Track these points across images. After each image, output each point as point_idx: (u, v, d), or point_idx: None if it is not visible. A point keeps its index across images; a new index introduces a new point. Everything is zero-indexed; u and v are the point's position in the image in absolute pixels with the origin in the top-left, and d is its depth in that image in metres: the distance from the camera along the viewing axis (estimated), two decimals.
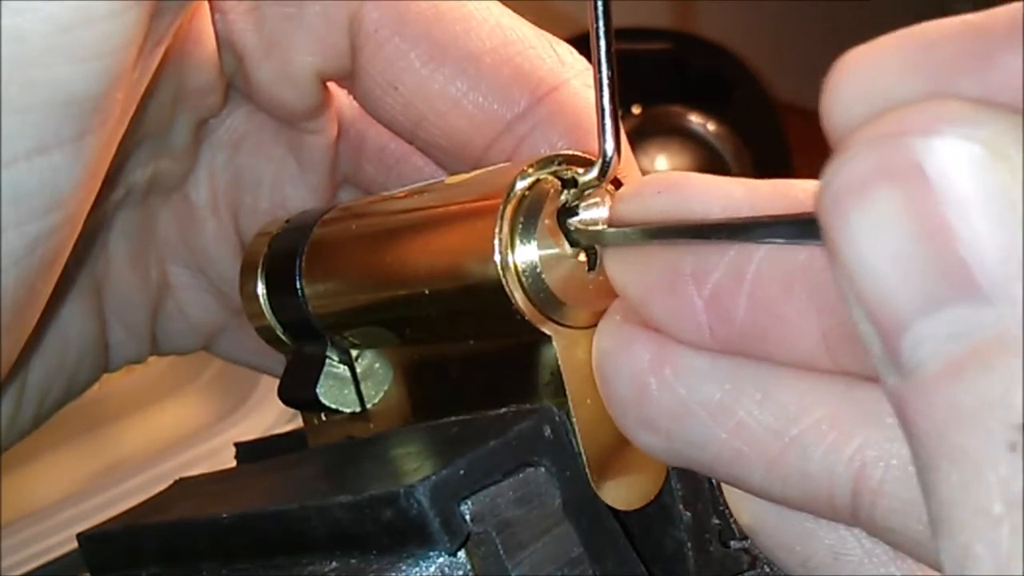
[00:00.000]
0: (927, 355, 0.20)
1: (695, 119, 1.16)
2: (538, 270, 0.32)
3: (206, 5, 0.40)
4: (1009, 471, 0.19)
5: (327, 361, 0.38)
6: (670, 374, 0.28)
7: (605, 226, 0.31)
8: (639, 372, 0.29)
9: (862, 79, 0.23)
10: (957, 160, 0.20)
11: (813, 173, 0.24)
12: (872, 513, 0.26)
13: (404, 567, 0.29)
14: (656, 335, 0.29)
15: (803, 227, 0.25)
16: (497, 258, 0.31)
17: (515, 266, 0.31)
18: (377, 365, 0.38)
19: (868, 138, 0.21)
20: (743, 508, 0.30)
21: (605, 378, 0.30)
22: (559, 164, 0.33)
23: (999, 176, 0.20)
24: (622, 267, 0.30)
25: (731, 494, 0.30)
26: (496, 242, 0.31)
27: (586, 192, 0.32)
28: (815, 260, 0.26)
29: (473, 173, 0.35)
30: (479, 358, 0.34)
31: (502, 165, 0.35)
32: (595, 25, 0.30)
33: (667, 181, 0.29)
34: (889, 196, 0.20)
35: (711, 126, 1.16)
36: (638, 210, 0.29)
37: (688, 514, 0.34)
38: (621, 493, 0.32)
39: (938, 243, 0.20)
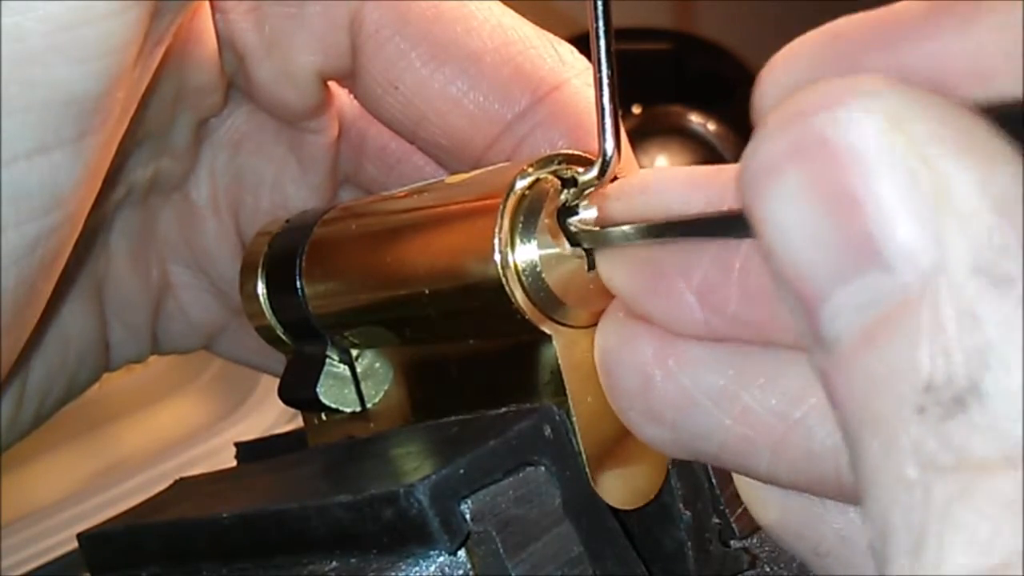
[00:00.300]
0: (843, 326, 0.21)
1: (695, 119, 1.16)
2: (538, 269, 0.32)
3: (207, 5, 0.40)
4: (919, 433, 0.19)
5: (327, 361, 0.38)
6: (674, 365, 0.28)
7: (598, 226, 0.31)
8: (643, 365, 0.29)
9: (779, 72, 0.24)
10: (859, 132, 0.20)
11: None
12: None
13: (404, 566, 0.29)
14: (658, 329, 0.29)
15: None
16: (497, 257, 0.31)
17: (515, 265, 0.31)
18: (377, 365, 0.38)
19: (778, 117, 0.21)
20: (754, 497, 0.30)
21: (609, 373, 0.30)
22: (559, 163, 0.33)
23: (899, 145, 0.20)
24: (612, 268, 0.30)
25: (742, 484, 0.30)
26: (496, 241, 0.31)
27: (586, 191, 0.32)
28: None
29: (473, 173, 0.35)
30: (479, 357, 0.34)
31: (502, 165, 0.35)
32: (595, 25, 0.30)
33: (645, 180, 0.30)
34: (798, 172, 0.21)
35: (711, 126, 1.16)
36: (625, 210, 0.30)
37: (688, 513, 0.34)
38: (621, 492, 0.32)
39: (845, 215, 0.20)
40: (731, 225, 0.26)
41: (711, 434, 0.28)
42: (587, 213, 0.32)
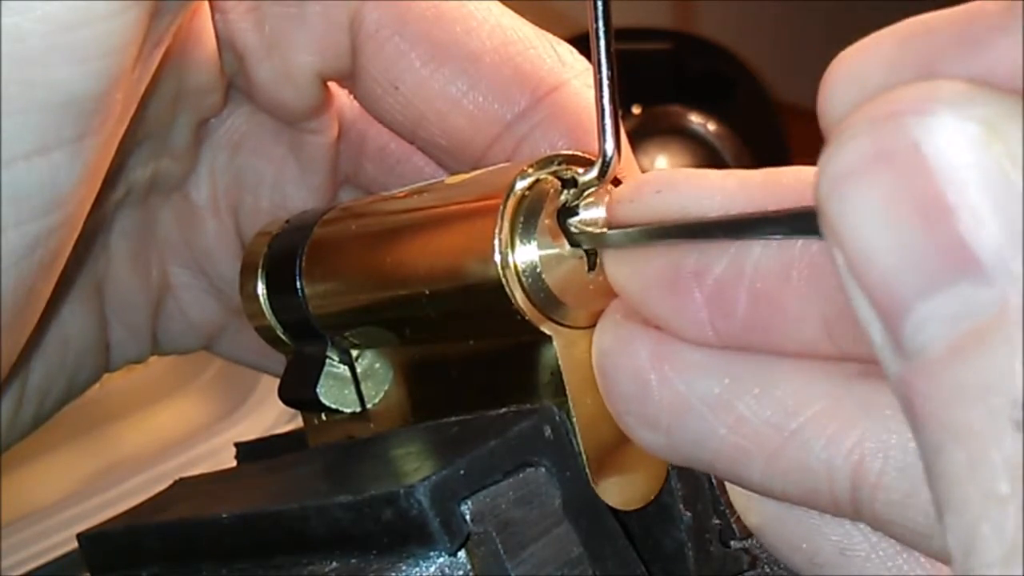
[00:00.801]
0: (930, 337, 0.20)
1: (695, 119, 1.16)
2: (538, 270, 0.32)
3: (206, 5, 0.40)
4: (1013, 449, 0.19)
5: (327, 361, 0.38)
6: (670, 370, 0.28)
7: (605, 227, 0.31)
8: (639, 369, 0.29)
9: (853, 73, 0.23)
10: (954, 140, 0.20)
11: None
12: (872, 506, 0.26)
13: (404, 567, 0.29)
14: (656, 332, 0.29)
15: (802, 220, 0.25)
16: (497, 258, 0.31)
17: (515, 266, 0.31)
18: (377, 365, 0.38)
19: (863, 121, 0.21)
20: (748, 507, 0.30)
21: (606, 376, 0.30)
22: (559, 164, 0.33)
23: (996, 155, 0.20)
24: (622, 268, 0.30)
25: (735, 494, 0.30)
26: (496, 242, 0.31)
27: (586, 192, 0.32)
28: (811, 247, 0.26)
29: (473, 173, 0.35)
30: (479, 358, 0.34)
31: (502, 165, 0.35)
32: (595, 25, 0.30)
33: (663, 180, 0.29)
34: (886, 178, 0.20)
35: (711, 126, 1.16)
36: (637, 211, 0.29)
37: (688, 514, 0.34)
38: (621, 493, 0.32)
39: (937, 224, 0.20)
40: (752, 226, 0.26)
41: (705, 442, 0.28)
42: (587, 214, 0.32)
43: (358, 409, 0.38)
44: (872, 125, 0.21)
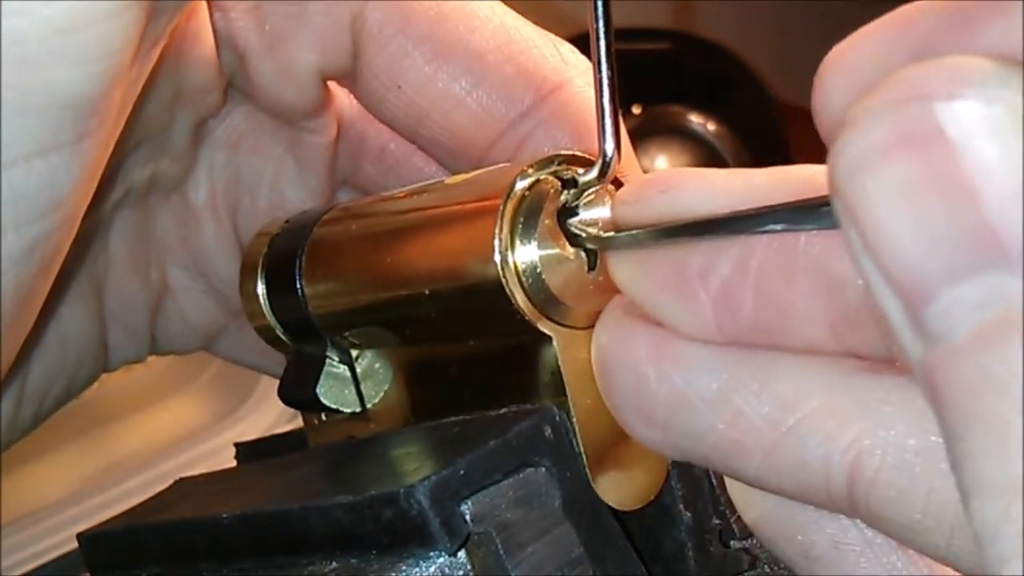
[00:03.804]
0: (954, 323, 0.20)
1: (695, 119, 1.16)
2: (538, 270, 0.32)
3: (204, 4, 0.39)
4: None
5: (327, 361, 0.38)
6: (668, 366, 0.28)
7: (608, 228, 0.31)
8: (638, 364, 0.29)
9: (847, 66, 0.23)
10: (981, 124, 0.19)
11: None
12: (868, 502, 0.26)
13: (404, 567, 0.29)
14: (655, 328, 0.29)
15: (808, 212, 0.25)
16: (497, 258, 0.31)
17: (515, 266, 0.31)
18: (377, 365, 0.38)
19: (883, 102, 0.20)
20: (744, 500, 0.30)
21: (604, 372, 0.30)
22: (559, 164, 0.33)
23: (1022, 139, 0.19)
24: (628, 269, 0.30)
25: (734, 489, 0.30)
26: (496, 242, 0.31)
27: (586, 192, 0.32)
28: (814, 242, 0.26)
29: (473, 173, 0.35)
30: (479, 358, 0.34)
31: (502, 165, 0.35)
32: (595, 25, 0.30)
33: (667, 181, 0.29)
34: (910, 163, 0.20)
35: (711, 126, 1.16)
36: (642, 212, 0.29)
37: (688, 514, 0.34)
38: (621, 493, 0.32)
39: (964, 209, 0.19)
40: (758, 221, 0.26)
41: (702, 437, 0.28)
42: (588, 214, 0.32)
43: (358, 409, 0.38)
44: (893, 106, 0.20)
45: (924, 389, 0.21)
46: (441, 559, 0.29)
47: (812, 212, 0.25)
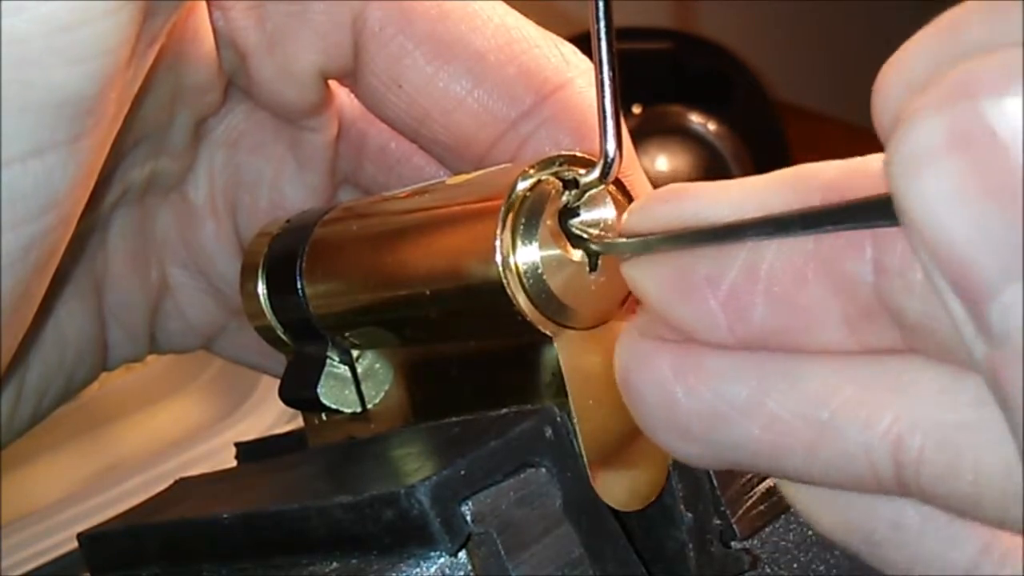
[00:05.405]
0: (1017, 323, 0.20)
1: (695, 119, 1.16)
2: (539, 271, 0.32)
3: (203, 3, 0.39)
4: None
5: (328, 361, 0.38)
6: (694, 380, 0.28)
7: (615, 233, 0.31)
8: (664, 383, 0.29)
9: (903, 67, 0.23)
10: None
11: None
12: (918, 481, 0.26)
13: (405, 567, 0.29)
14: (675, 345, 0.29)
15: (814, 217, 0.25)
16: (498, 259, 0.31)
17: (516, 267, 0.31)
18: (378, 365, 0.38)
19: (935, 101, 0.20)
20: (796, 495, 0.30)
21: (632, 394, 0.30)
22: (561, 165, 0.33)
23: None
24: (642, 273, 0.29)
25: (793, 500, 0.30)
26: (497, 243, 0.31)
27: (588, 193, 0.32)
28: (823, 244, 0.26)
29: (474, 174, 0.35)
30: (480, 358, 0.34)
31: (503, 166, 0.35)
32: (596, 25, 0.30)
33: (672, 192, 0.29)
34: (962, 163, 0.20)
35: (711, 126, 1.16)
36: (647, 221, 0.29)
37: (689, 514, 0.34)
38: (622, 494, 0.32)
39: (1017, 209, 0.19)
40: (764, 227, 0.26)
41: (742, 444, 0.28)
42: (589, 215, 0.32)
43: (358, 409, 0.38)
44: (945, 104, 0.20)
45: (988, 383, 0.21)
46: (442, 559, 0.29)
47: (819, 216, 0.25)
